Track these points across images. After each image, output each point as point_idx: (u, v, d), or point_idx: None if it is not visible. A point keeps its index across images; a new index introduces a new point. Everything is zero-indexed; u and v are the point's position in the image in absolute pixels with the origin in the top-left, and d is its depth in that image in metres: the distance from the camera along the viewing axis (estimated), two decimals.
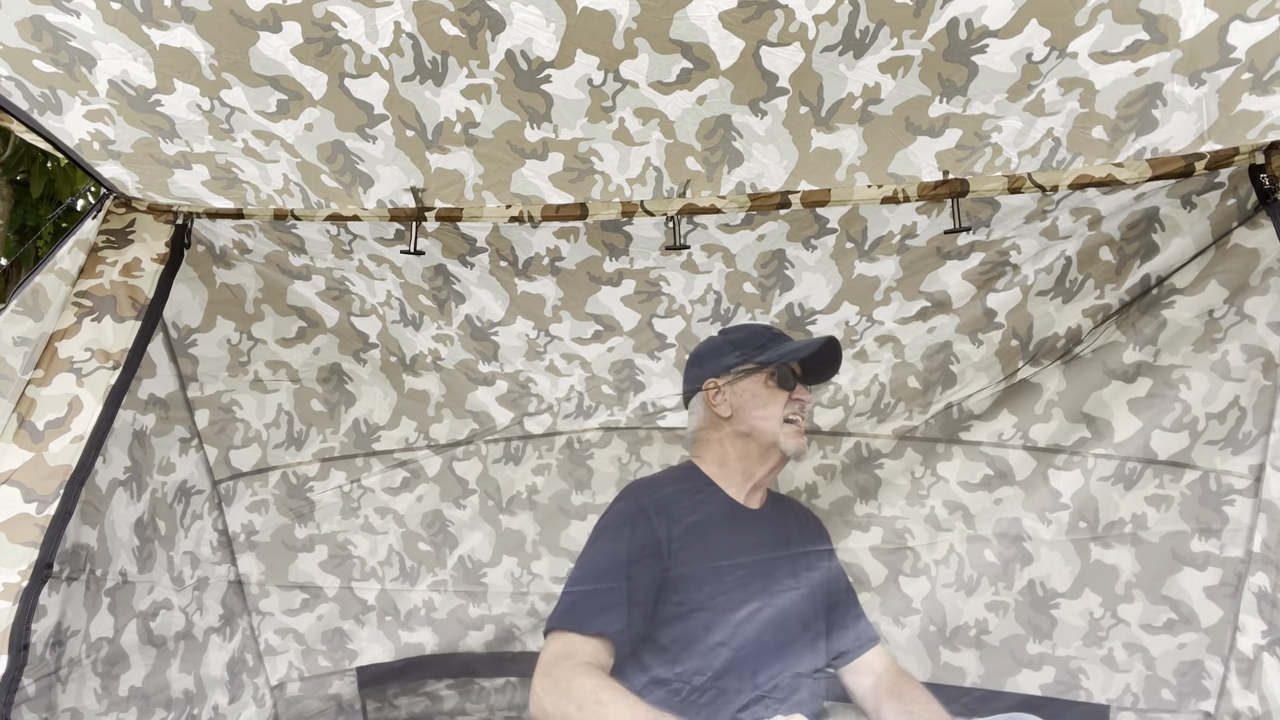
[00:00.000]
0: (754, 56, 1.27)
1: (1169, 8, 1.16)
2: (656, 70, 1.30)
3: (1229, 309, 1.67)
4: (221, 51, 1.27)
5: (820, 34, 1.23)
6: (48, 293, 1.55)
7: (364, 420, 2.17)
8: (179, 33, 1.24)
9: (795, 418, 1.67)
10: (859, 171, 1.53)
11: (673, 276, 1.91)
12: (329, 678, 2.26)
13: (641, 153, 1.49)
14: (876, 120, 1.41)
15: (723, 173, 1.55)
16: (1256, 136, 1.41)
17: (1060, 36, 1.22)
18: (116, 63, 1.29)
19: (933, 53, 1.26)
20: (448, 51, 1.28)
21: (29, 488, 1.44)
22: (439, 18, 1.21)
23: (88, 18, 1.21)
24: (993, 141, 1.45)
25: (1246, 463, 1.70)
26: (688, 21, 1.21)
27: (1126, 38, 1.22)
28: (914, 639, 2.04)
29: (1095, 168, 1.50)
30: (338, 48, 1.27)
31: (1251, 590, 1.69)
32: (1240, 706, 1.70)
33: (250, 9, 1.20)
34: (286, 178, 1.57)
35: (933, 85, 1.33)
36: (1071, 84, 1.31)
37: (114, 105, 1.38)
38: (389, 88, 1.35)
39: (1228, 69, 1.25)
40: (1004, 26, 1.21)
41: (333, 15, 1.21)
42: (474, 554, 2.26)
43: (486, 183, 1.58)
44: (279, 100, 1.37)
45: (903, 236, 1.75)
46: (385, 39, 1.25)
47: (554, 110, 1.38)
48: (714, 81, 1.32)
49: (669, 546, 1.53)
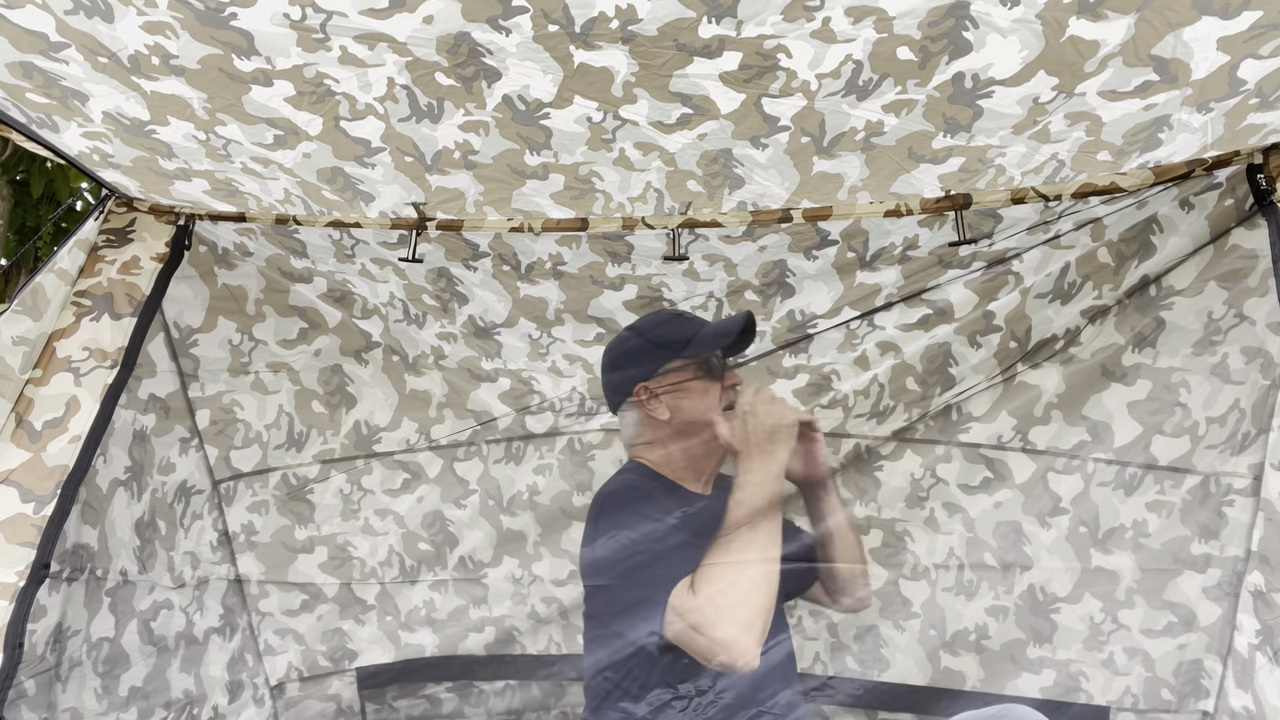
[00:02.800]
0: (755, 105, 1.26)
1: (1180, 52, 1.13)
2: (656, 114, 1.29)
3: (1228, 310, 1.67)
4: (214, 98, 1.25)
5: (823, 86, 1.22)
6: (47, 292, 1.55)
7: (365, 422, 2.17)
8: (169, 83, 1.22)
9: (731, 404, 1.63)
10: (861, 192, 1.53)
11: (674, 283, 1.91)
12: (328, 678, 2.26)
13: (642, 177, 1.49)
14: (879, 149, 1.40)
15: (724, 194, 1.54)
16: (1257, 142, 1.41)
17: (1068, 82, 1.20)
18: (109, 99, 1.27)
19: (938, 98, 1.25)
20: (443, 97, 1.26)
21: (26, 488, 1.43)
22: (433, 72, 1.20)
23: (76, 66, 1.19)
24: (996, 164, 1.44)
25: (1246, 462, 1.70)
26: (687, 79, 1.20)
27: (1136, 79, 1.19)
28: (914, 643, 2.04)
29: (1098, 176, 1.50)
30: (331, 98, 1.25)
31: (1248, 590, 1.69)
32: (1237, 706, 1.70)
33: (239, 70, 1.18)
34: (288, 191, 1.57)
35: (936, 123, 1.31)
36: (1078, 118, 1.29)
37: (110, 130, 1.37)
38: (385, 127, 1.34)
39: (1235, 98, 1.23)
40: (1011, 77, 1.19)
41: (324, 74, 1.20)
42: (474, 554, 2.26)
43: (487, 199, 1.58)
44: (275, 135, 1.35)
45: (904, 248, 1.75)
46: (379, 90, 1.24)
47: (553, 140, 1.37)
48: (714, 123, 1.31)
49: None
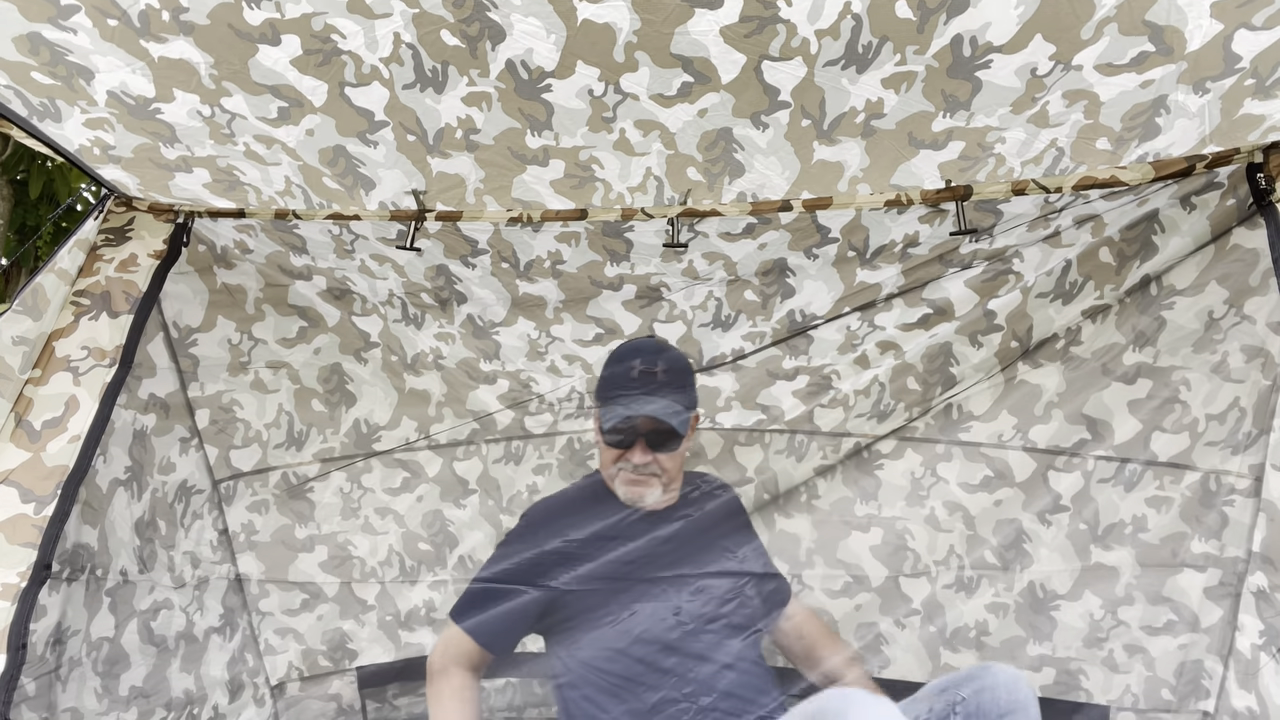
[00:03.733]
0: (755, 71, 1.26)
1: (1175, 18, 1.15)
2: (657, 83, 1.29)
3: (1229, 309, 1.67)
4: (221, 62, 1.26)
5: (823, 49, 1.22)
6: (46, 292, 1.55)
7: (364, 420, 2.17)
8: (178, 45, 1.23)
9: (628, 474, 1.67)
10: (861, 183, 1.53)
11: (674, 283, 1.91)
12: (329, 678, 2.26)
13: (642, 162, 1.49)
14: (879, 134, 1.40)
15: (724, 183, 1.54)
16: (1257, 139, 1.41)
17: (1065, 50, 1.21)
18: (115, 75, 1.28)
19: (936, 69, 1.25)
20: (448, 61, 1.27)
21: (26, 488, 1.43)
22: (439, 29, 1.21)
23: (85, 35, 1.20)
24: (996, 152, 1.44)
25: (1247, 462, 1.70)
26: (689, 36, 1.20)
27: (1132, 50, 1.20)
28: (914, 640, 2.04)
29: (1098, 170, 1.50)
30: (337, 58, 1.26)
31: (1250, 590, 1.70)
32: (1239, 706, 1.70)
33: (248, 23, 1.19)
34: (288, 180, 1.57)
35: (936, 101, 1.32)
36: (1076, 96, 1.30)
37: (113, 114, 1.37)
38: (389, 95, 1.34)
39: (1231, 78, 1.24)
40: (1008, 42, 1.20)
41: (332, 28, 1.21)
42: (474, 554, 2.26)
43: (488, 187, 1.58)
44: (280, 107, 1.36)
45: (905, 245, 1.75)
46: (385, 49, 1.25)
47: (554, 119, 1.38)
48: (715, 95, 1.31)
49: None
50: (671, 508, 1.73)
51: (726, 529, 1.79)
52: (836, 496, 2.12)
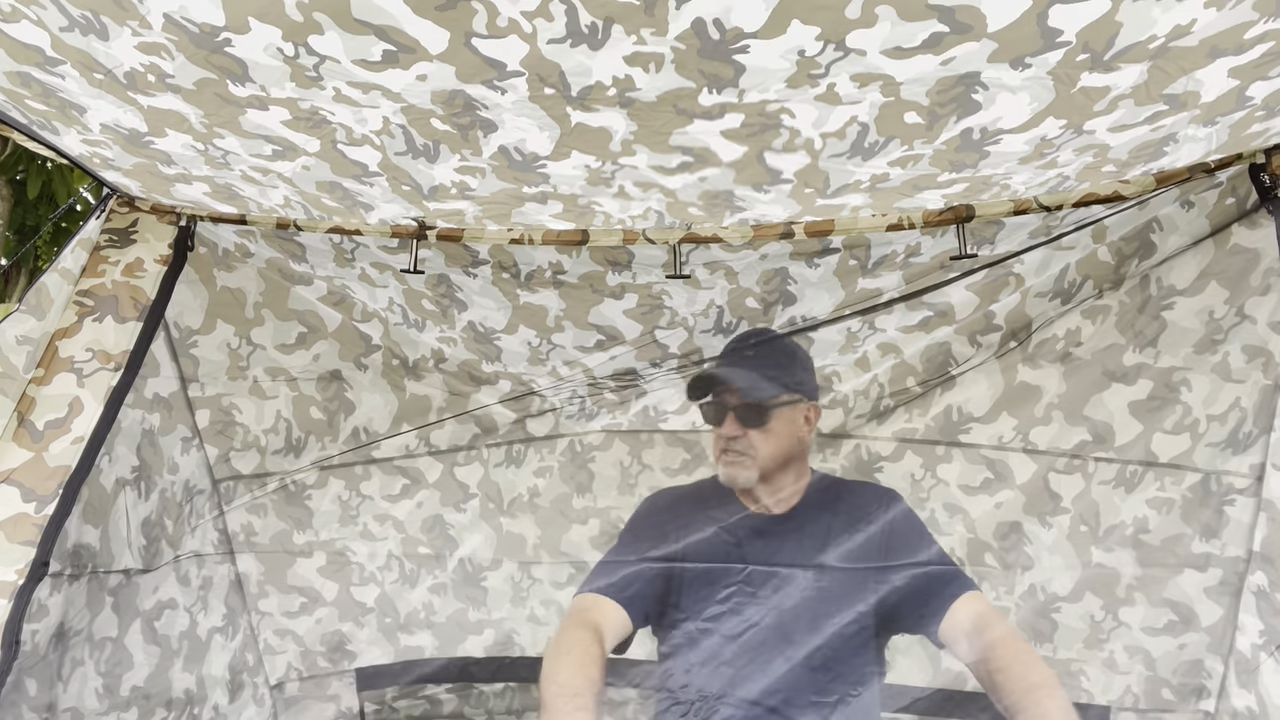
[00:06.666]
0: (758, 157, 1.25)
1: (1191, 87, 1.11)
2: (657, 161, 1.28)
3: (1229, 309, 1.67)
4: (211, 115, 1.23)
5: (827, 146, 1.21)
6: (50, 292, 1.54)
7: (363, 428, 2.15)
8: (166, 99, 1.20)
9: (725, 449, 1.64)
10: (863, 209, 1.54)
11: (675, 291, 1.90)
12: (328, 678, 2.26)
13: (643, 203, 1.49)
14: (883, 190, 1.40)
15: (725, 215, 1.54)
16: (1260, 144, 1.41)
17: (1076, 121, 1.18)
18: (107, 113, 1.26)
19: (945, 150, 1.24)
20: (439, 141, 1.25)
21: (28, 487, 1.43)
22: (428, 118, 1.19)
23: (72, 82, 1.17)
24: (1001, 183, 1.44)
25: (1247, 462, 1.70)
26: (688, 135, 1.19)
27: (1147, 112, 1.17)
28: (914, 644, 2.03)
29: (1101, 186, 1.50)
30: (327, 126, 1.23)
31: (1251, 590, 1.70)
32: (1239, 706, 1.71)
33: (235, 95, 1.16)
34: (287, 198, 1.56)
35: (943, 167, 1.31)
36: (1086, 148, 1.28)
37: (109, 139, 1.36)
38: (382, 156, 1.32)
39: (1241, 111, 1.22)
40: (1019, 126, 1.18)
41: (319, 108, 1.18)
42: (474, 557, 2.26)
43: (487, 214, 1.58)
44: (274, 149, 1.34)
45: (906, 255, 1.75)
46: (375, 125, 1.22)
47: (552, 181, 1.38)
48: (716, 169, 1.30)
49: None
50: (791, 512, 1.63)
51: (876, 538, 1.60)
52: None
